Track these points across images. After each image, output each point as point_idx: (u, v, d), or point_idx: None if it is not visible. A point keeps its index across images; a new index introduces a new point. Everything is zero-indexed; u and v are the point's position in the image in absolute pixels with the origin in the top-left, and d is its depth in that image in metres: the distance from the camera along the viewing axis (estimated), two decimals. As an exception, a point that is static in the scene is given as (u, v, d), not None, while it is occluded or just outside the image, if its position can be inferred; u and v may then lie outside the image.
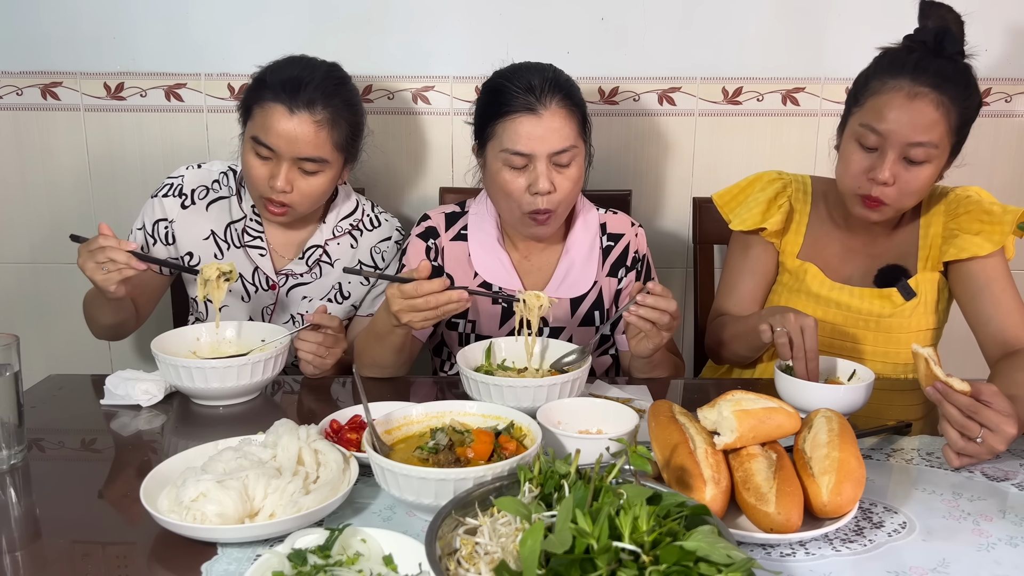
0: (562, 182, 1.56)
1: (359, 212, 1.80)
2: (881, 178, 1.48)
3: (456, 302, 1.37)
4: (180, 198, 1.74)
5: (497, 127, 1.56)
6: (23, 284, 2.23)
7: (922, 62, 1.47)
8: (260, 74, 1.64)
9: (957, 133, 1.49)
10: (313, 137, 1.58)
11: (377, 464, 1.04)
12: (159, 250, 1.74)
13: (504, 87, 1.56)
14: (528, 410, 1.21)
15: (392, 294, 1.40)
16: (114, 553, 1.01)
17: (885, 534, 1.04)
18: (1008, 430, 1.16)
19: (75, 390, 1.52)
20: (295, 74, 1.59)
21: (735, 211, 1.74)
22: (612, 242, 1.73)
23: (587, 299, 1.70)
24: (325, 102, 1.59)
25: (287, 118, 1.56)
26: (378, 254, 1.80)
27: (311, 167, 1.61)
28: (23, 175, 2.17)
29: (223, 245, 1.75)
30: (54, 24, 2.07)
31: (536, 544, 0.79)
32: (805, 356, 1.38)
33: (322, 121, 1.59)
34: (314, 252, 1.76)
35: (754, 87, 2.11)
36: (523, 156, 1.54)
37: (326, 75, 1.62)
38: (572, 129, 1.56)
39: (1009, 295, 1.54)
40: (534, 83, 1.54)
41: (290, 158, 1.59)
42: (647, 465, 0.95)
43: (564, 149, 1.54)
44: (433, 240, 1.70)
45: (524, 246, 1.71)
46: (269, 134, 1.57)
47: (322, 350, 1.55)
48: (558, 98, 1.54)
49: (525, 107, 1.53)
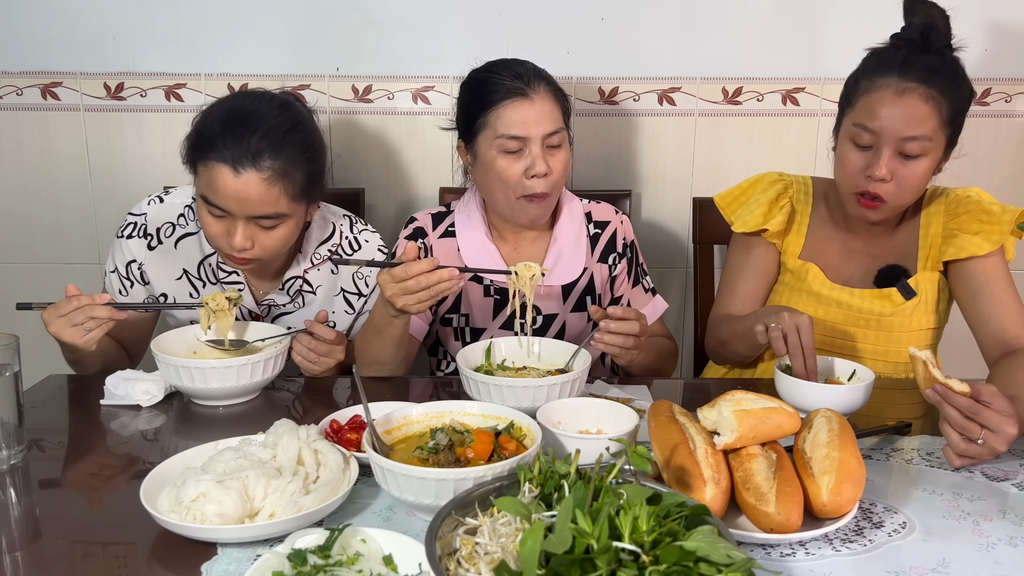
0: (555, 164, 1.61)
1: (337, 236, 1.71)
2: (878, 175, 1.48)
3: (448, 280, 1.38)
4: (145, 239, 1.65)
5: (489, 116, 1.59)
6: (23, 284, 2.23)
7: (909, 58, 1.48)
8: (199, 123, 1.49)
9: (951, 125, 1.50)
10: (264, 195, 1.44)
11: (377, 464, 1.04)
12: (137, 290, 1.67)
13: (490, 79, 1.61)
14: (528, 410, 1.21)
15: (383, 280, 1.41)
16: (114, 553, 1.01)
17: (885, 534, 1.04)
18: (1009, 430, 1.16)
19: (75, 390, 1.52)
20: (237, 124, 1.44)
21: (737, 212, 1.75)
22: (599, 229, 1.77)
23: (578, 285, 1.73)
24: (274, 154, 1.44)
25: (233, 178, 1.43)
26: (360, 279, 1.73)
27: (268, 223, 1.49)
28: (23, 175, 2.17)
29: (198, 283, 1.67)
30: (54, 24, 2.07)
31: (536, 544, 0.79)
32: (802, 353, 1.39)
33: (272, 177, 1.44)
34: (294, 283, 1.68)
35: (754, 87, 2.11)
36: (518, 140, 1.58)
37: (273, 123, 1.46)
38: (559, 113, 1.63)
39: (1008, 294, 1.55)
40: (520, 71, 1.61)
41: (244, 216, 1.47)
42: (647, 465, 0.95)
43: (556, 130, 1.60)
44: (421, 240, 1.73)
45: (513, 238, 1.74)
46: (217, 196, 1.45)
47: (312, 356, 1.53)
48: (544, 83, 1.61)
49: (517, 92, 1.58)
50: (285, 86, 2.04)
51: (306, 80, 2.11)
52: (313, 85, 2.11)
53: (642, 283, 1.82)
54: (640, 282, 1.81)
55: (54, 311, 1.41)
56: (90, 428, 1.38)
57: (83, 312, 1.40)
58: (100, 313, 1.41)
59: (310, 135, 1.54)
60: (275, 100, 1.52)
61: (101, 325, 1.42)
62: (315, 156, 1.54)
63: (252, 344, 1.55)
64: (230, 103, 1.51)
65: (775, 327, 1.41)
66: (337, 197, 2.01)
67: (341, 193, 2.06)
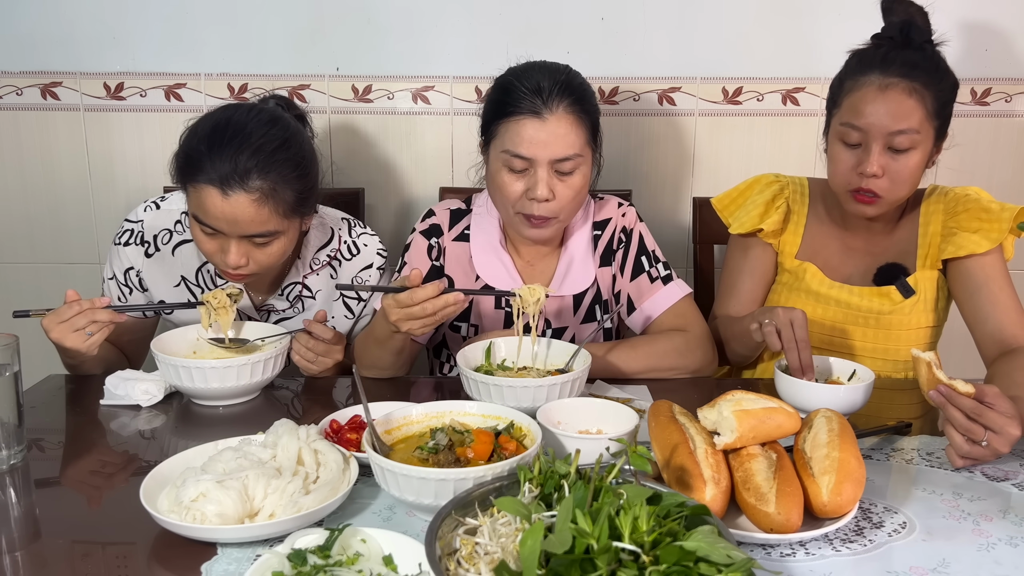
0: (563, 190, 1.51)
1: (336, 241, 1.69)
2: (869, 171, 1.49)
3: (453, 305, 1.36)
4: (142, 246, 1.63)
5: (500, 126, 1.52)
6: (23, 284, 2.23)
7: (889, 55, 1.50)
8: (186, 143, 1.45)
9: (937, 116, 1.50)
10: (255, 215, 1.42)
11: (377, 464, 1.04)
12: (136, 297, 1.66)
13: (512, 86, 1.51)
14: (528, 410, 1.21)
15: (388, 305, 1.38)
16: (114, 553, 1.00)
17: (885, 534, 1.04)
18: (1012, 432, 1.16)
19: (75, 390, 1.52)
20: (224, 144, 1.40)
21: (734, 214, 1.75)
22: (599, 230, 1.69)
23: (587, 295, 1.68)
24: (263, 174, 1.41)
25: (222, 200, 1.40)
26: (360, 284, 1.71)
27: (262, 240, 1.46)
28: (23, 175, 2.17)
29: (196, 291, 1.66)
30: (54, 24, 2.07)
31: (536, 544, 0.79)
32: (797, 347, 1.39)
33: (262, 197, 1.41)
34: (293, 288, 1.67)
35: (754, 87, 2.11)
36: (523, 159, 1.49)
37: (260, 141, 1.42)
38: (579, 136, 1.50)
39: (1007, 294, 1.55)
40: (543, 84, 1.48)
41: (236, 236, 1.45)
42: (647, 465, 0.95)
43: (567, 157, 1.49)
44: (436, 239, 1.68)
45: (526, 249, 1.69)
46: (207, 216, 1.43)
47: (310, 355, 1.53)
48: (567, 103, 1.49)
49: (530, 109, 1.48)
50: (274, 89, 2.05)
51: (306, 80, 2.11)
52: (313, 85, 2.11)
53: (648, 273, 1.67)
54: (645, 272, 1.66)
55: (55, 317, 1.40)
56: (90, 428, 1.38)
57: (85, 316, 1.39)
58: (101, 316, 1.41)
59: (300, 150, 1.48)
60: (263, 116, 1.46)
61: (103, 329, 1.42)
62: (305, 172, 1.49)
63: (252, 343, 1.55)
64: (216, 119, 1.45)
65: (768, 323, 1.41)
66: (337, 197, 2.02)
67: (341, 193, 2.06)
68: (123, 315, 1.44)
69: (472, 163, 1.72)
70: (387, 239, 1.80)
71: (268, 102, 1.59)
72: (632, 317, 1.69)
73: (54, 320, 1.40)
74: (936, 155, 1.56)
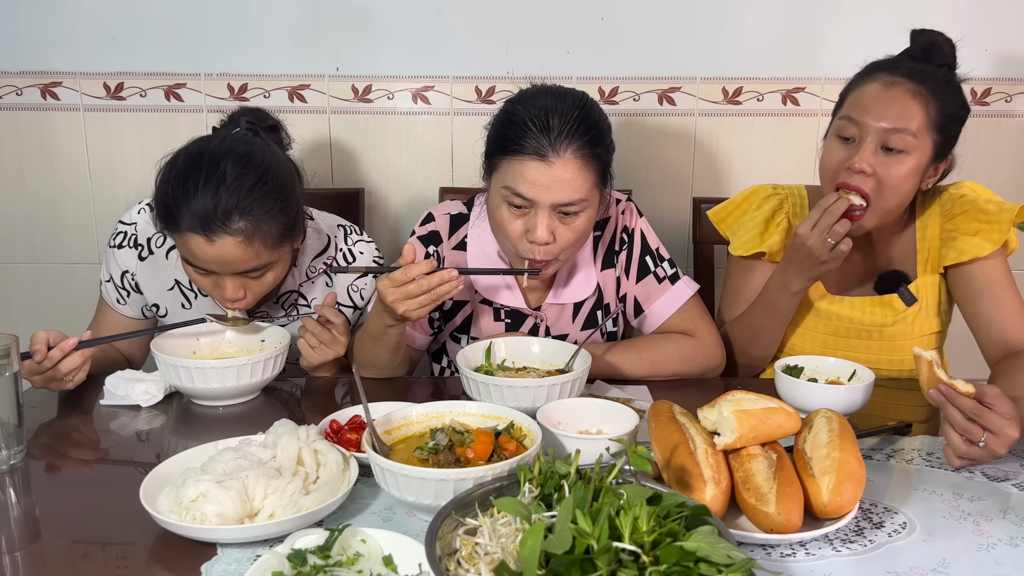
0: (564, 233, 1.44)
1: (331, 249, 1.67)
2: (857, 166, 1.46)
3: (449, 282, 1.34)
4: (136, 249, 1.62)
5: (503, 161, 1.43)
6: (23, 284, 2.23)
7: (901, 59, 1.50)
8: (160, 190, 1.42)
9: (939, 130, 1.47)
10: (243, 254, 1.41)
11: (377, 464, 1.04)
12: (135, 299, 1.65)
13: (518, 119, 1.41)
14: (528, 410, 1.20)
15: (383, 286, 1.36)
16: (114, 553, 1.00)
17: (885, 534, 1.04)
18: (1011, 433, 1.16)
19: (75, 390, 1.51)
20: (197, 189, 1.37)
21: (732, 229, 1.72)
22: (599, 231, 1.63)
23: (588, 301, 1.65)
24: (244, 214, 1.38)
25: (208, 245, 1.38)
26: (355, 292, 1.67)
27: (255, 274, 1.46)
28: (23, 175, 2.17)
29: (190, 294, 1.65)
30: (54, 24, 2.07)
31: (536, 544, 0.79)
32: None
33: (247, 237, 1.39)
34: (289, 297, 1.66)
35: (754, 87, 2.11)
36: (524, 199, 1.42)
37: (237, 182, 1.39)
38: (587, 180, 1.41)
39: (1010, 296, 1.54)
40: (552, 123, 1.39)
41: (229, 273, 1.44)
42: (647, 465, 0.95)
43: (571, 202, 1.41)
44: (435, 247, 1.63)
45: None
46: (197, 259, 1.42)
47: (314, 340, 1.52)
48: (576, 145, 1.39)
49: (535, 151, 1.38)
50: (274, 89, 2.05)
51: (306, 80, 2.11)
52: (313, 85, 2.11)
53: (654, 273, 1.63)
54: (651, 273, 1.63)
55: (35, 368, 1.39)
56: (90, 428, 1.38)
57: (61, 368, 1.39)
58: (73, 363, 1.40)
59: (278, 180, 1.44)
60: (235, 150, 1.42)
61: (83, 365, 1.42)
62: (286, 201, 1.45)
63: (254, 322, 1.56)
64: (188, 161, 1.41)
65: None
66: (337, 197, 2.02)
67: (341, 193, 2.07)
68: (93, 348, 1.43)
69: (472, 163, 1.72)
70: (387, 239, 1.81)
71: (239, 120, 1.54)
72: (640, 319, 1.66)
73: (33, 373, 1.39)
74: (931, 177, 1.53)
